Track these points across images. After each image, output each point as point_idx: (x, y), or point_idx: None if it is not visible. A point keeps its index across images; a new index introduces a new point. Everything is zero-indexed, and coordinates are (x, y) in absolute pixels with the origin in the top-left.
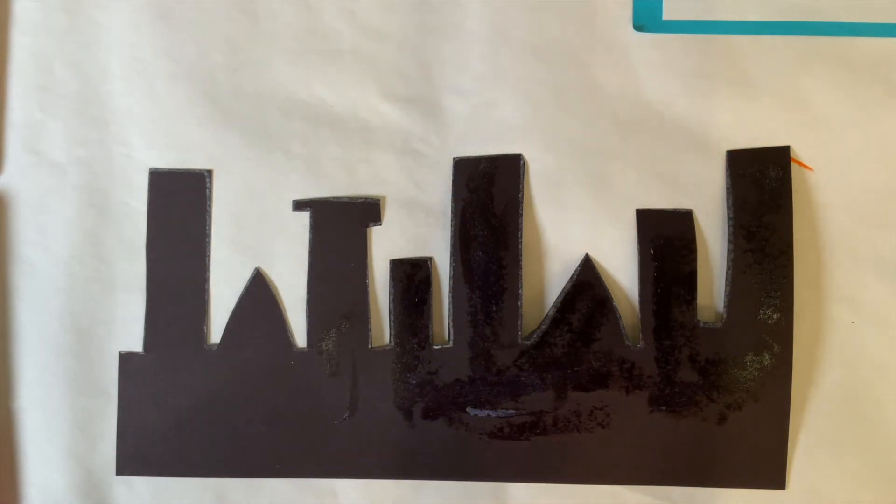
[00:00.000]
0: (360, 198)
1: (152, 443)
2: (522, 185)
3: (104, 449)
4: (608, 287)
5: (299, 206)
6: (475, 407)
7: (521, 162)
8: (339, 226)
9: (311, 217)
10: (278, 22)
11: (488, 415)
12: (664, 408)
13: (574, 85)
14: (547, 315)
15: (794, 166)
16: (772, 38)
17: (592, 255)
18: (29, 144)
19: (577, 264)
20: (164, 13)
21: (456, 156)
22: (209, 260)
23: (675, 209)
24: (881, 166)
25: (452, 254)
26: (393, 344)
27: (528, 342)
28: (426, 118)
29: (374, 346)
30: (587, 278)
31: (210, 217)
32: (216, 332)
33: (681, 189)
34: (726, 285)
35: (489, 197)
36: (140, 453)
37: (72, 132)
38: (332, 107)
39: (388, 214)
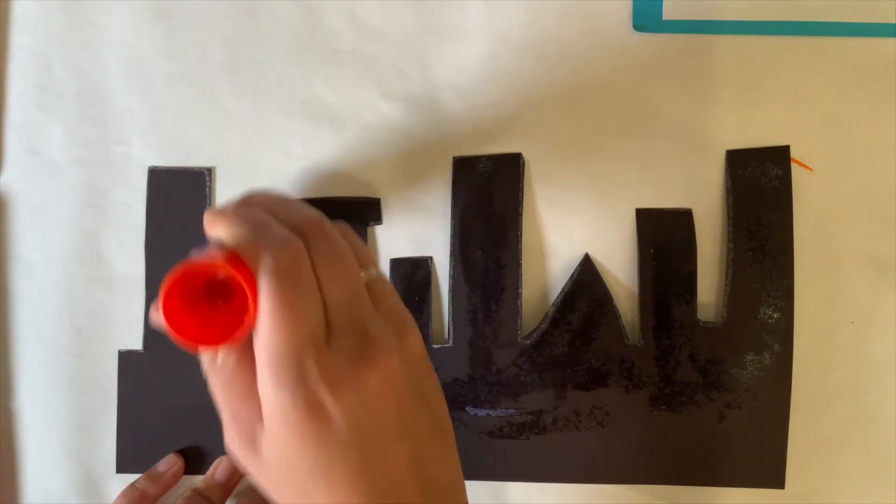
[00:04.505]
0: (360, 197)
1: (152, 441)
2: (522, 184)
3: (104, 448)
4: (608, 286)
5: None
6: (475, 406)
7: (521, 161)
8: None
9: None
10: (278, 22)
11: (488, 414)
12: (664, 407)
13: (574, 85)
14: (547, 314)
15: (793, 166)
16: (772, 38)
17: (592, 254)
18: (28, 144)
19: (577, 264)
20: (164, 13)
21: (456, 155)
22: None
23: (675, 209)
24: (881, 166)
25: (452, 253)
26: None
27: (528, 341)
28: (426, 118)
29: None
30: (587, 277)
31: None
32: None
33: (681, 189)
34: (726, 285)
35: (489, 196)
36: (140, 452)
37: (71, 132)
38: (331, 107)
39: (388, 214)
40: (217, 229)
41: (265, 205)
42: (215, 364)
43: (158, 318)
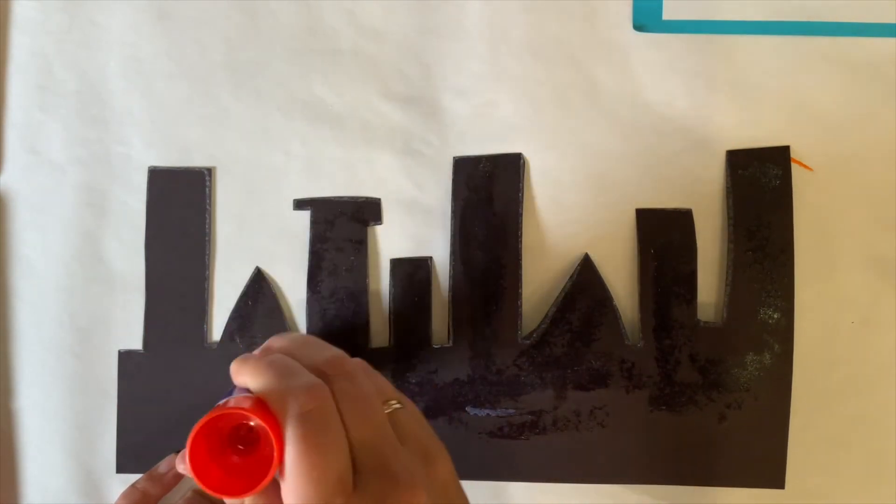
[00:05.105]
0: (361, 197)
1: (152, 441)
2: (522, 184)
3: (104, 448)
4: (608, 286)
5: (299, 205)
6: (475, 406)
7: (521, 161)
8: (340, 225)
9: (312, 216)
10: (278, 22)
11: (488, 414)
12: (664, 407)
13: (574, 85)
14: (547, 315)
15: (794, 166)
16: (772, 38)
17: (592, 254)
18: (28, 144)
19: (577, 264)
20: (164, 13)
21: (456, 155)
22: (209, 259)
23: (675, 209)
24: (881, 166)
25: (452, 253)
26: (393, 343)
27: (528, 342)
28: (426, 118)
29: (374, 345)
30: (587, 278)
31: (210, 216)
32: (216, 331)
33: (681, 189)
34: (726, 285)
35: (489, 196)
36: (140, 452)
37: (71, 132)
38: (331, 107)
39: (388, 214)
40: (243, 377)
41: (287, 349)
42: None
43: (186, 467)
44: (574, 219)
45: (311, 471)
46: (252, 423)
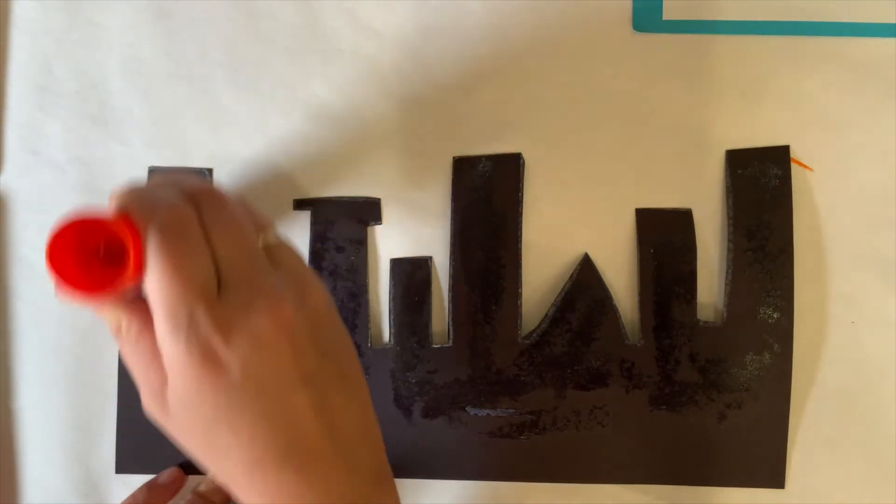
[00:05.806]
0: (361, 197)
1: (152, 441)
2: (522, 184)
3: (104, 448)
4: (608, 286)
5: (300, 205)
6: (475, 406)
7: (521, 161)
8: (340, 225)
9: (312, 216)
10: (278, 22)
11: (488, 414)
12: (664, 407)
13: (574, 85)
14: (546, 314)
15: (793, 166)
16: (772, 38)
17: (592, 254)
18: (28, 144)
19: (577, 264)
20: (164, 13)
21: (456, 155)
22: None
23: (675, 209)
24: (881, 166)
25: (452, 253)
26: (393, 343)
27: (528, 341)
28: (426, 118)
29: (373, 345)
30: (586, 277)
31: None
32: None
33: (681, 189)
34: (726, 284)
35: (489, 196)
36: (140, 452)
37: (71, 132)
38: (331, 107)
39: (388, 214)
40: (113, 202)
41: (160, 180)
42: (121, 333)
43: (48, 268)
44: (574, 219)
45: (171, 276)
46: (116, 235)
